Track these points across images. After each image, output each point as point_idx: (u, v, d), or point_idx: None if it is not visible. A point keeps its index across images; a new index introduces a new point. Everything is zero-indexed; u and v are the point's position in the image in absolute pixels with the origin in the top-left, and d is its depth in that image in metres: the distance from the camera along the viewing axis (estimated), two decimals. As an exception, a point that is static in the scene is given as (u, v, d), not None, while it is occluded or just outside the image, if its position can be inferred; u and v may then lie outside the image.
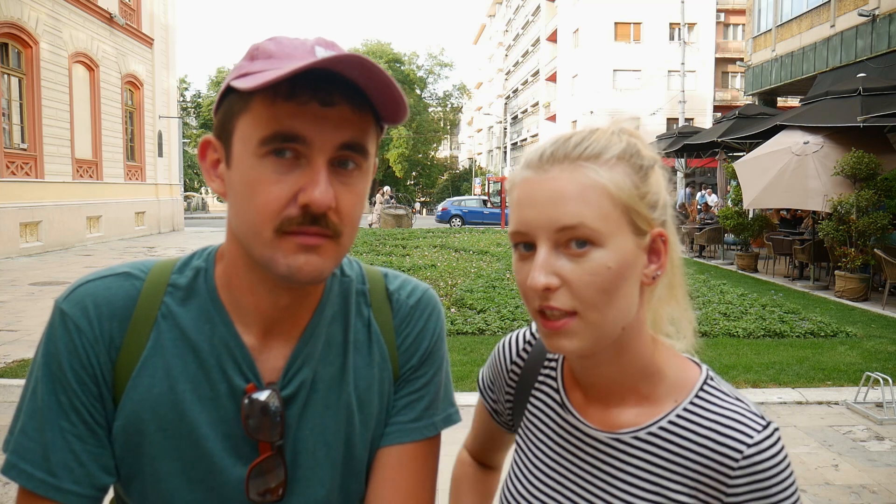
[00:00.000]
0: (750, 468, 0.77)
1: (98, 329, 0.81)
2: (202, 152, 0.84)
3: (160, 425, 0.81)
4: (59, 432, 0.79)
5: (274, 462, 0.84)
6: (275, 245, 0.77)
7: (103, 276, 0.85)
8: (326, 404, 0.88)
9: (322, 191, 0.75)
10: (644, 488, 0.83)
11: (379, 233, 19.75)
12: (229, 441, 0.83)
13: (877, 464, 4.06)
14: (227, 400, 0.83)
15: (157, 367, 0.82)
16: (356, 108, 0.77)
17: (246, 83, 0.74)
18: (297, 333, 0.88)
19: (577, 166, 0.77)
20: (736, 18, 37.02)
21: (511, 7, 61.30)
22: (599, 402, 0.88)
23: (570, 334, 0.77)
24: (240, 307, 0.85)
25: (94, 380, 0.81)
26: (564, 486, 0.88)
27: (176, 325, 0.84)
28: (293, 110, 0.74)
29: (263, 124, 0.75)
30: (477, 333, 7.03)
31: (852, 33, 14.77)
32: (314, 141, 0.75)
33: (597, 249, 0.75)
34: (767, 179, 10.60)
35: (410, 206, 34.14)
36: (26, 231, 14.34)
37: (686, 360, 0.88)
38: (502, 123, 57.17)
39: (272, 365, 0.86)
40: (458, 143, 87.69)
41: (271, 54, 0.77)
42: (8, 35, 13.78)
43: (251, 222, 0.77)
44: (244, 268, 0.83)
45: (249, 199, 0.76)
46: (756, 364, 6.07)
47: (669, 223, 0.83)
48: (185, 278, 0.86)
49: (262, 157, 0.75)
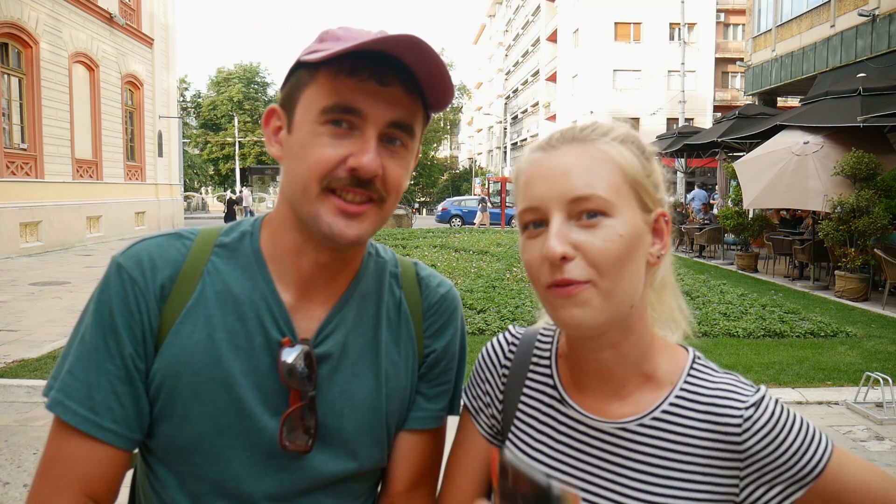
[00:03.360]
0: (753, 426, 0.80)
1: (150, 279, 0.88)
2: (267, 120, 0.92)
3: (195, 369, 0.87)
4: (104, 374, 0.85)
5: (306, 412, 0.89)
6: (320, 201, 0.84)
7: (157, 237, 0.92)
8: (355, 371, 0.94)
9: (371, 158, 0.83)
10: (657, 473, 0.83)
11: (379, 233, 19.76)
12: (261, 391, 0.88)
13: (877, 464, 4.04)
14: (262, 351, 0.88)
15: (199, 316, 0.88)
16: (408, 91, 0.85)
17: (313, 56, 0.83)
18: (332, 299, 0.94)
19: (587, 143, 0.81)
20: (736, 18, 37.02)
21: (511, 7, 61.28)
22: (598, 392, 0.88)
23: (583, 303, 0.77)
24: (281, 267, 0.92)
25: (140, 326, 0.87)
26: (571, 482, 0.87)
27: (220, 280, 0.90)
28: (353, 85, 0.82)
29: (325, 95, 0.83)
30: (477, 333, 7.02)
31: (852, 33, 14.77)
32: (369, 114, 0.83)
33: (608, 219, 0.77)
34: (767, 179, 10.60)
35: (410, 206, 34.14)
36: (26, 231, 14.34)
37: (673, 345, 0.90)
38: (502, 123, 57.17)
39: (307, 325, 0.92)
40: (458, 143, 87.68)
41: (339, 37, 0.85)
42: (8, 35, 13.78)
43: (302, 178, 0.84)
44: (290, 228, 0.90)
45: (303, 158, 0.84)
46: (756, 364, 6.07)
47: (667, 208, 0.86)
48: (231, 239, 0.93)
49: (321, 125, 0.84)
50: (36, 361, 5.79)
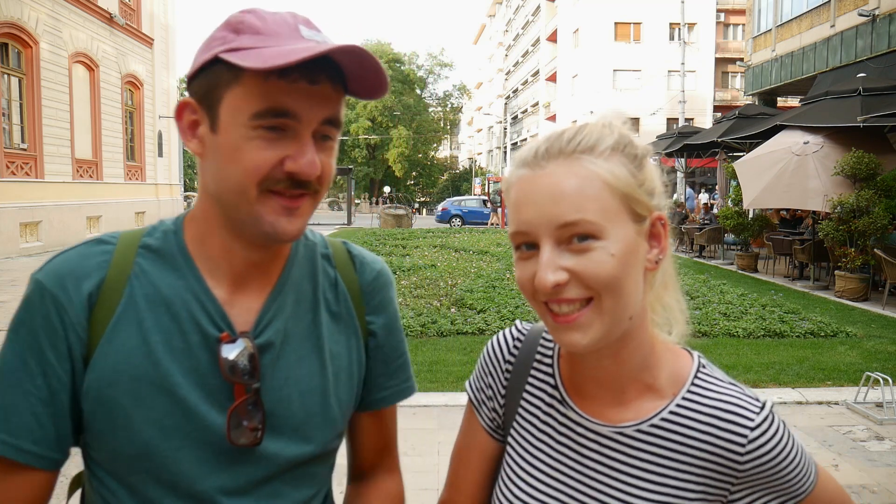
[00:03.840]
0: (757, 450, 0.79)
1: (74, 292, 0.85)
2: (180, 113, 0.88)
3: (134, 375, 0.84)
4: (23, 396, 0.83)
5: (252, 405, 0.88)
6: (260, 203, 0.83)
7: (76, 246, 0.89)
8: (299, 356, 0.93)
9: (309, 161, 0.82)
10: (650, 480, 0.83)
11: (379, 233, 19.76)
12: (204, 389, 0.87)
13: (877, 464, 4.06)
14: (200, 350, 0.87)
15: (131, 321, 0.86)
16: (335, 85, 0.84)
17: (248, 62, 0.78)
18: (267, 288, 0.93)
19: (573, 160, 0.78)
20: (736, 18, 37.01)
21: (511, 7, 61.27)
22: (599, 397, 0.88)
23: (582, 327, 0.77)
24: (211, 263, 0.90)
25: (66, 342, 0.84)
26: (567, 483, 0.88)
27: (148, 283, 0.87)
28: (284, 87, 0.80)
29: (256, 99, 0.80)
30: (477, 333, 7.02)
31: (852, 33, 14.77)
32: (303, 115, 0.82)
33: (598, 241, 0.76)
34: (767, 179, 10.60)
35: (410, 206, 34.14)
36: (26, 231, 14.33)
37: (678, 349, 0.89)
38: (502, 123, 57.16)
39: (244, 318, 0.90)
40: (458, 143, 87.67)
41: (258, 30, 0.82)
42: (8, 35, 13.78)
43: (237, 181, 0.82)
44: (218, 227, 0.89)
45: (237, 161, 0.82)
46: (756, 364, 6.07)
47: (665, 209, 0.84)
48: (155, 240, 0.91)
49: (253, 129, 0.81)
50: (36, 361, 5.79)
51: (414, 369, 1.12)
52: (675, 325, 0.88)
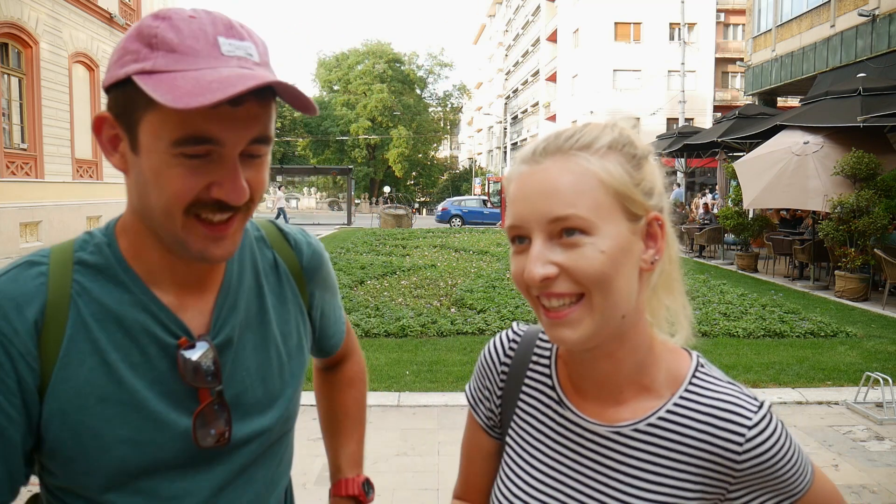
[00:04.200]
0: (754, 450, 0.80)
1: (18, 320, 0.79)
2: (98, 128, 0.83)
3: (100, 396, 0.82)
4: None
5: (217, 407, 0.88)
6: (186, 228, 0.80)
7: (7, 272, 0.83)
8: (255, 345, 0.94)
9: (238, 188, 0.79)
10: (648, 479, 0.83)
11: (379, 233, 19.76)
12: (170, 397, 0.86)
13: (877, 464, 4.06)
14: (159, 360, 0.86)
15: (83, 343, 0.82)
16: (262, 102, 0.79)
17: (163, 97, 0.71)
18: (214, 287, 0.92)
19: (569, 157, 0.79)
20: (736, 18, 37.00)
21: (511, 7, 61.26)
22: (596, 397, 0.88)
23: (572, 323, 0.77)
24: (153, 274, 0.87)
25: (15, 376, 0.79)
26: (565, 482, 0.88)
27: (93, 300, 0.84)
28: (204, 113, 0.74)
29: (175, 127, 0.75)
30: (477, 333, 7.02)
31: (852, 33, 14.77)
32: (226, 141, 0.77)
33: (588, 237, 0.76)
34: (767, 179, 10.60)
35: (410, 206, 34.14)
36: (26, 231, 14.34)
37: (677, 349, 0.89)
38: (502, 123, 57.16)
39: (198, 321, 0.89)
40: (458, 143, 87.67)
41: (173, 47, 0.75)
42: (8, 35, 13.77)
43: (162, 207, 0.79)
44: (154, 242, 0.86)
45: (160, 187, 0.78)
46: (756, 364, 6.07)
47: (667, 213, 0.84)
48: (90, 254, 0.86)
49: (174, 156, 0.77)
50: (36, 361, 5.79)
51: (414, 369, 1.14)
52: (679, 330, 0.88)
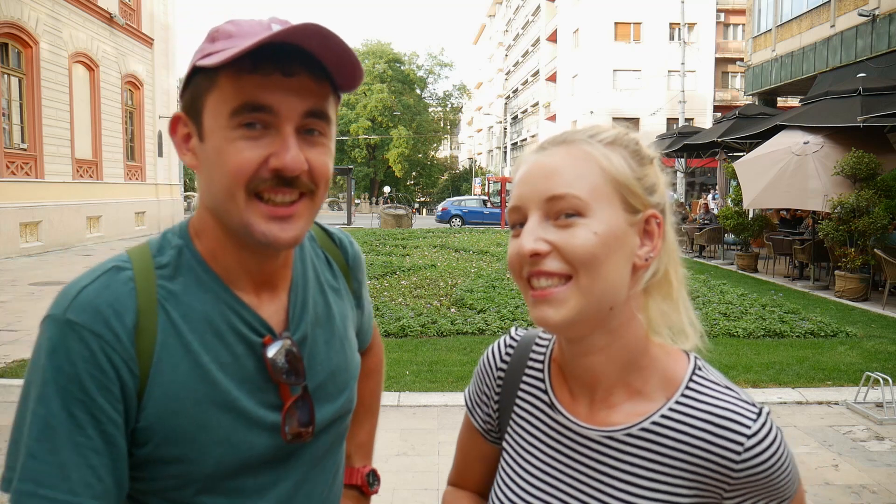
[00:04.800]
0: (752, 459, 0.78)
1: (119, 326, 0.80)
2: (173, 127, 0.88)
3: (196, 399, 0.84)
4: (74, 449, 0.77)
5: (302, 402, 0.91)
6: (249, 209, 0.82)
7: (95, 278, 0.83)
8: (325, 339, 0.98)
9: (293, 156, 0.80)
10: (641, 485, 0.82)
11: (379, 233, 19.77)
12: (257, 395, 0.88)
13: (877, 464, 4.06)
14: (246, 359, 0.88)
15: (176, 346, 0.84)
16: (315, 78, 0.82)
17: (210, 60, 0.79)
18: (285, 284, 0.95)
19: (574, 145, 0.81)
20: (736, 18, 36.99)
21: (511, 7, 61.25)
22: (588, 400, 0.87)
23: (556, 303, 0.78)
24: (231, 274, 0.89)
25: (118, 383, 0.79)
26: (558, 487, 0.87)
27: (180, 303, 0.85)
28: (258, 81, 0.79)
29: (231, 97, 0.80)
30: (477, 333, 7.02)
31: (852, 33, 14.76)
32: (280, 109, 0.80)
33: (583, 219, 0.77)
34: (767, 179, 10.60)
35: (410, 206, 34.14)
36: (26, 231, 14.33)
37: (674, 350, 0.87)
38: (502, 123, 57.15)
39: (276, 318, 0.92)
40: (458, 143, 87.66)
41: (231, 34, 0.81)
42: (8, 35, 13.78)
43: (225, 186, 0.81)
44: (226, 240, 0.88)
45: (222, 164, 0.81)
46: (756, 364, 6.07)
47: (668, 215, 0.84)
48: (169, 258, 0.88)
49: (233, 129, 0.80)
50: (36, 361, 5.80)
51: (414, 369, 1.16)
52: (686, 340, 0.86)
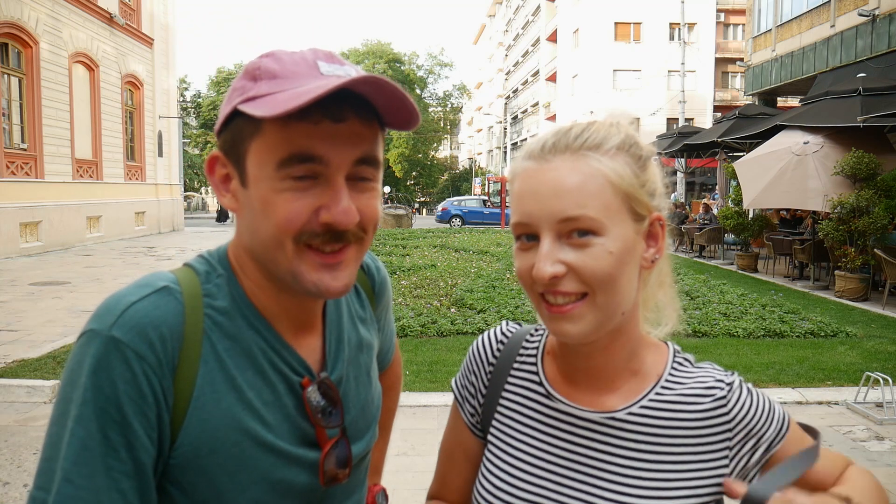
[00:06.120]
0: (738, 402, 0.86)
1: (162, 352, 0.76)
2: (210, 167, 0.84)
3: (236, 439, 0.80)
4: (107, 473, 0.73)
5: (341, 441, 0.89)
6: (299, 258, 0.79)
7: (146, 295, 0.78)
8: (356, 375, 0.96)
9: (344, 208, 0.77)
10: (649, 459, 0.84)
11: (379, 233, 19.72)
12: (296, 435, 0.85)
13: (877, 464, 4.06)
14: (287, 397, 0.85)
15: (220, 380, 0.80)
16: (365, 121, 0.78)
17: (261, 111, 0.72)
18: (318, 322, 0.93)
19: (579, 156, 0.80)
20: (736, 18, 37.00)
21: (511, 7, 61.25)
22: (589, 387, 0.89)
23: (574, 319, 0.79)
24: (270, 312, 0.86)
25: (155, 409, 0.76)
26: (556, 472, 0.88)
27: (226, 336, 0.82)
28: (307, 130, 0.74)
29: (279, 147, 0.75)
30: (477, 333, 7.01)
31: (852, 33, 14.76)
32: (331, 159, 0.76)
33: (598, 238, 0.78)
34: (767, 179, 10.60)
35: (410, 206, 34.13)
36: (26, 231, 14.33)
37: (656, 341, 0.93)
38: (502, 123, 57.15)
39: (312, 358, 0.90)
40: (458, 143, 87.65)
41: (275, 74, 0.77)
42: (8, 35, 13.78)
43: (272, 236, 0.78)
44: (266, 281, 0.85)
45: (269, 214, 0.77)
46: (756, 364, 6.07)
47: (666, 213, 0.86)
48: (217, 288, 0.84)
49: (281, 180, 0.76)
50: (36, 361, 5.79)
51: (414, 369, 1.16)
52: (667, 322, 0.92)
